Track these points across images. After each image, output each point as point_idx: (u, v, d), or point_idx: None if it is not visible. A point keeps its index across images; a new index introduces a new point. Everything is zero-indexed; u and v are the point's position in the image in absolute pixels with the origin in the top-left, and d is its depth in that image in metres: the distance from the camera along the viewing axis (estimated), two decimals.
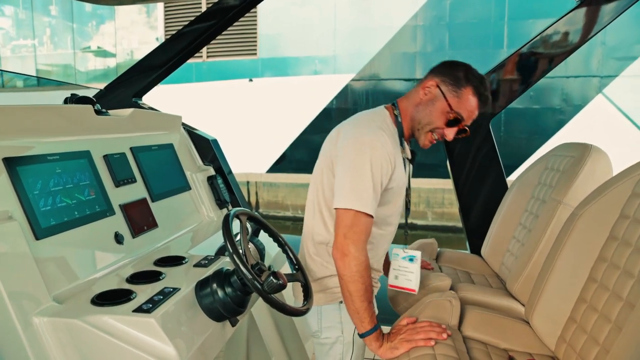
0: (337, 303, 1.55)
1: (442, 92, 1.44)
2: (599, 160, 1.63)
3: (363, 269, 1.35)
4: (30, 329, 1.15)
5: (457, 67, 1.47)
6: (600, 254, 1.26)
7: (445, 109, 1.44)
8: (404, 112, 1.52)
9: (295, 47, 9.72)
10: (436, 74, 1.48)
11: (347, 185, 1.38)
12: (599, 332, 1.15)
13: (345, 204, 1.37)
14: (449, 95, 1.43)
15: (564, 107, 8.13)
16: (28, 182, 1.33)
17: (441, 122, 1.45)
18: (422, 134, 1.49)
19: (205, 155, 2.38)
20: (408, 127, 1.52)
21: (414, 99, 1.50)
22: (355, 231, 1.35)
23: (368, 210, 1.35)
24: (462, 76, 1.44)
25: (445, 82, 1.45)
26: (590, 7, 2.09)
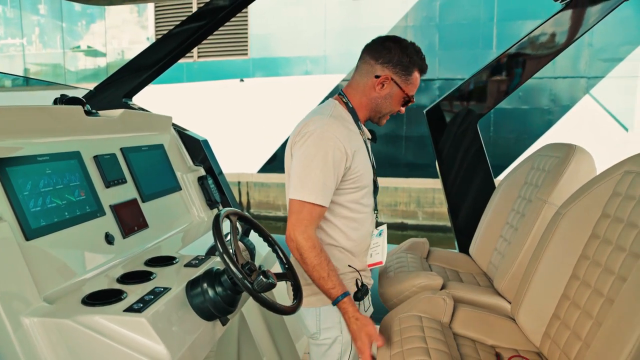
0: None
1: (398, 85, 1.55)
2: (582, 160, 1.66)
3: (307, 250, 1.43)
4: (20, 329, 1.16)
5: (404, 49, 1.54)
6: (583, 252, 1.29)
7: (401, 96, 1.57)
8: (357, 101, 1.60)
9: (286, 47, 9.73)
10: (385, 64, 1.54)
11: (295, 177, 1.47)
12: (581, 327, 1.18)
13: (292, 195, 1.47)
14: (403, 85, 1.55)
15: (552, 107, 8.23)
16: (18, 183, 1.33)
17: (398, 106, 1.60)
18: (382, 118, 1.62)
19: (196, 155, 2.39)
20: (364, 114, 1.61)
21: (367, 91, 1.58)
22: (299, 218, 1.44)
23: (312, 200, 1.42)
24: (410, 60, 1.54)
25: (398, 74, 1.54)
26: (576, 9, 2.13)
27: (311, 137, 1.45)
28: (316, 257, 1.43)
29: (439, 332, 1.41)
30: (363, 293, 1.56)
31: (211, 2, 2.34)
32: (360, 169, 1.53)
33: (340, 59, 9.36)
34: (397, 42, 1.56)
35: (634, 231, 1.11)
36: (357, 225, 1.59)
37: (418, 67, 1.55)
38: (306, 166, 1.44)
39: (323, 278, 1.44)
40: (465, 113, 2.34)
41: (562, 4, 2.15)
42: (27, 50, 12.73)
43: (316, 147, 1.44)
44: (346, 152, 1.46)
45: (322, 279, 1.44)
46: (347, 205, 1.55)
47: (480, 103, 2.34)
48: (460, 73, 8.07)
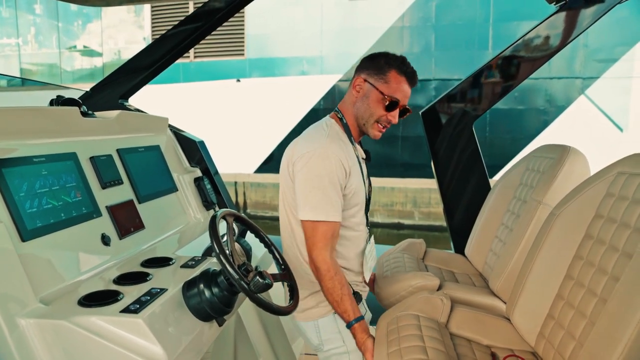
0: (332, 314, 1.59)
1: (371, 84, 1.55)
2: (576, 161, 1.67)
3: (321, 274, 1.49)
4: (16, 330, 1.16)
5: (376, 58, 1.57)
6: (577, 252, 1.30)
7: (379, 97, 1.54)
8: (347, 114, 1.62)
9: (282, 47, 9.73)
10: (360, 70, 1.59)
11: (303, 198, 1.50)
12: (575, 327, 1.19)
13: (303, 216, 1.50)
14: (378, 84, 1.54)
15: (548, 108, 8.26)
16: (14, 184, 1.33)
17: (381, 110, 1.55)
18: (369, 127, 1.58)
19: (192, 156, 2.39)
20: (354, 126, 1.61)
21: (350, 99, 1.61)
22: (314, 241, 1.49)
23: (324, 217, 1.47)
24: (382, 63, 1.55)
25: (371, 74, 1.56)
26: (570, 11, 2.14)
27: (313, 158, 1.48)
28: (329, 281, 1.48)
29: (436, 331, 1.42)
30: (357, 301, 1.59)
31: (208, 3, 2.34)
32: (354, 187, 1.56)
33: (336, 59, 9.38)
34: (381, 53, 1.59)
35: (626, 231, 1.12)
36: (350, 244, 1.63)
37: (396, 68, 1.54)
38: (313, 187, 1.47)
39: (336, 302, 1.49)
40: (461, 114, 2.35)
41: (557, 6, 2.16)
42: (22, 50, 12.68)
43: (319, 167, 1.47)
44: (345, 169, 1.50)
45: (336, 303, 1.50)
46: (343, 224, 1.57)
47: (476, 104, 2.35)
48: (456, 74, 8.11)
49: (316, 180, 1.47)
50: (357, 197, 1.58)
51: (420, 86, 8.40)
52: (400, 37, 8.87)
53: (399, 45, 8.84)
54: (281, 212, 1.66)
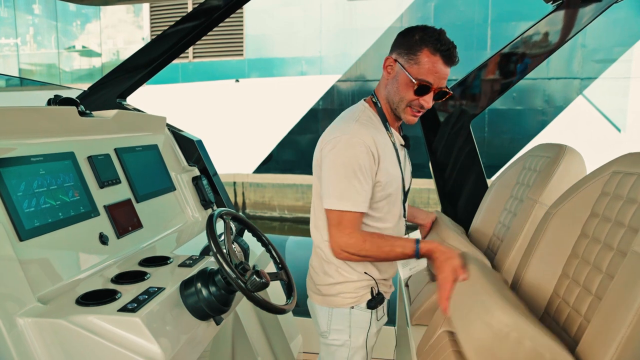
0: (348, 308, 1.57)
1: (401, 65, 1.43)
2: (572, 160, 1.68)
3: (360, 249, 1.41)
4: (14, 329, 1.16)
5: (411, 33, 1.43)
6: (573, 250, 1.31)
7: (408, 80, 1.41)
8: (381, 98, 1.53)
9: (281, 47, 9.74)
10: (393, 48, 1.48)
11: (330, 186, 1.43)
12: (572, 324, 1.19)
13: (328, 205, 1.44)
14: (407, 66, 1.42)
15: (546, 108, 8.28)
16: (11, 184, 1.33)
17: (411, 94, 1.43)
18: (401, 111, 1.48)
19: (190, 156, 2.39)
20: (388, 110, 1.52)
21: (382, 81, 1.52)
22: (340, 229, 1.42)
23: (350, 208, 1.41)
24: (416, 40, 1.41)
25: (401, 54, 1.43)
26: (567, 10, 2.15)
27: (339, 144, 1.42)
28: (371, 246, 1.41)
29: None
30: (377, 302, 1.56)
31: (206, 2, 2.34)
32: (386, 176, 1.47)
33: (335, 59, 9.39)
34: (417, 27, 1.44)
35: (621, 230, 1.13)
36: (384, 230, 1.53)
37: (429, 46, 1.38)
38: (340, 174, 1.41)
39: (393, 252, 1.42)
40: (459, 113, 2.36)
41: (554, 5, 2.17)
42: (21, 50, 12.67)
43: (346, 155, 1.41)
44: (374, 157, 1.42)
45: (393, 253, 1.42)
46: (371, 214, 1.50)
47: (473, 103, 2.36)
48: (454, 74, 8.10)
49: (342, 168, 1.40)
50: (390, 186, 1.49)
51: None
52: None
53: None
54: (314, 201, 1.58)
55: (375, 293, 1.55)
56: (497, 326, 1.05)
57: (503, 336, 1.04)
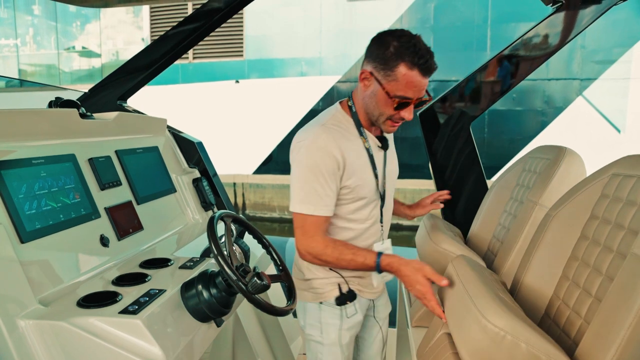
0: (318, 304, 1.59)
1: (378, 81, 1.37)
2: (572, 162, 1.68)
3: (322, 254, 1.44)
4: (16, 332, 1.16)
5: (386, 44, 1.35)
6: (573, 253, 1.31)
7: (387, 97, 1.37)
8: (357, 104, 1.49)
9: (281, 48, 9.75)
10: (367, 59, 1.40)
11: (294, 190, 1.46)
12: (571, 327, 1.20)
13: (292, 208, 1.47)
14: (384, 82, 1.36)
15: (546, 109, 8.29)
16: (13, 186, 1.33)
17: (391, 110, 1.39)
18: (381, 124, 1.45)
19: (191, 157, 2.39)
20: (364, 118, 1.49)
21: (360, 91, 1.46)
22: (304, 231, 1.45)
23: (312, 212, 1.42)
24: (391, 53, 1.33)
25: (377, 68, 1.36)
26: (567, 13, 2.16)
27: (302, 148, 1.43)
28: (333, 252, 1.43)
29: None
30: (347, 299, 1.56)
31: (207, 4, 2.35)
32: (355, 181, 1.45)
33: (335, 60, 9.40)
34: (392, 34, 1.36)
35: (620, 232, 1.13)
36: (354, 236, 1.54)
37: (406, 61, 1.31)
38: (302, 178, 1.43)
39: (354, 261, 1.43)
40: (459, 115, 2.37)
41: (553, 7, 2.18)
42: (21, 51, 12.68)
43: (307, 158, 1.41)
44: (337, 162, 1.41)
45: (354, 263, 1.44)
46: (341, 216, 1.51)
47: (473, 105, 2.36)
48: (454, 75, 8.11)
49: (304, 172, 1.41)
50: (361, 190, 1.47)
51: None
52: None
53: None
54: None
55: (346, 290, 1.55)
56: (492, 330, 1.06)
57: (499, 340, 1.05)
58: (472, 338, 1.10)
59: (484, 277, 1.30)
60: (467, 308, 1.16)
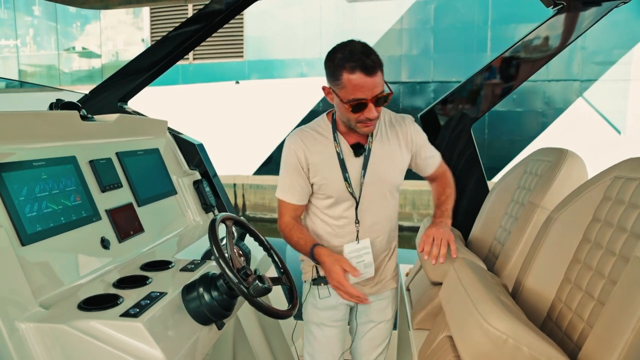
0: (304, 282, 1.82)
1: (334, 92, 1.49)
2: (574, 164, 1.68)
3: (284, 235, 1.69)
4: (16, 334, 1.16)
5: (332, 57, 1.46)
6: (575, 255, 1.30)
7: (342, 104, 1.47)
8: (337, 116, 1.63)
9: (281, 49, 9.75)
10: (326, 75, 1.52)
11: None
12: (573, 330, 1.19)
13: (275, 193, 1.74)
14: (338, 92, 1.47)
15: (546, 110, 8.29)
16: (14, 188, 1.33)
17: (352, 114, 1.48)
18: (355, 128, 1.55)
19: (191, 159, 2.39)
20: (343, 124, 1.62)
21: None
22: (279, 212, 1.72)
23: (280, 197, 1.70)
24: (335, 66, 1.44)
25: (330, 82, 1.49)
26: (568, 15, 2.15)
27: (283, 146, 1.69)
28: (290, 234, 1.66)
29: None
30: (321, 281, 1.72)
31: (208, 5, 2.35)
32: (320, 180, 1.63)
33: None
34: (338, 47, 1.48)
35: (623, 235, 1.13)
36: (331, 231, 1.70)
37: (345, 68, 1.40)
38: (280, 170, 1.69)
39: (298, 244, 1.65)
40: (459, 117, 2.36)
41: (554, 9, 2.18)
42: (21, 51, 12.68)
43: (283, 155, 1.68)
44: (299, 160, 1.63)
45: (298, 245, 1.65)
46: (320, 209, 1.70)
47: (474, 107, 2.36)
48: (455, 76, 8.13)
49: (281, 166, 1.68)
50: (327, 189, 1.64)
51: (419, 89, 8.43)
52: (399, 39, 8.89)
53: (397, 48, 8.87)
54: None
55: (323, 275, 1.67)
56: (494, 333, 1.05)
57: (501, 343, 1.04)
58: (473, 341, 1.10)
59: (485, 280, 1.30)
60: (469, 311, 1.16)
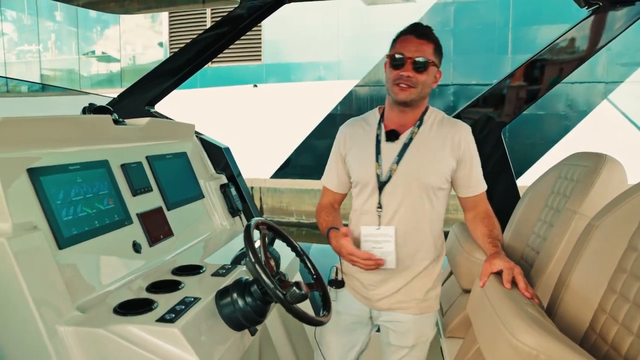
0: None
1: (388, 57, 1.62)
2: (613, 170, 1.63)
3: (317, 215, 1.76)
4: (55, 337, 1.17)
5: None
6: (619, 264, 1.26)
7: (386, 62, 1.61)
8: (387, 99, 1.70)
9: (299, 53, 9.77)
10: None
11: None
12: (621, 342, 1.15)
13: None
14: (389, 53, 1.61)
15: (569, 113, 8.14)
16: (51, 192, 1.34)
17: (391, 71, 1.58)
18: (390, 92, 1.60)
19: (218, 163, 2.39)
20: (388, 103, 1.66)
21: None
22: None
23: (321, 181, 1.79)
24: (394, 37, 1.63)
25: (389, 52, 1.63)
26: (603, 15, 2.10)
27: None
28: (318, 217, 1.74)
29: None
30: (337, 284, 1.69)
31: (233, 11, 2.35)
32: (353, 162, 1.66)
33: (353, 64, 9.37)
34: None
35: None
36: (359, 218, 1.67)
37: (401, 33, 1.61)
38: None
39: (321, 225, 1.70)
40: (490, 121, 2.32)
41: (589, 10, 2.12)
42: (43, 56, 12.93)
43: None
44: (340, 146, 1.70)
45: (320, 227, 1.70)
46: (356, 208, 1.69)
47: (504, 111, 2.32)
48: (474, 79, 8.04)
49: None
50: (355, 174, 1.66)
51: (439, 91, 8.35)
52: None
53: None
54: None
55: (340, 279, 1.69)
56: (523, 350, 1.01)
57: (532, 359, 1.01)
58: (504, 358, 1.06)
59: (512, 294, 1.26)
60: (496, 326, 1.12)
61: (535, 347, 1.00)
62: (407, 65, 1.54)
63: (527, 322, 1.05)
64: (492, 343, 1.13)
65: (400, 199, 1.60)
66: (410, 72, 1.54)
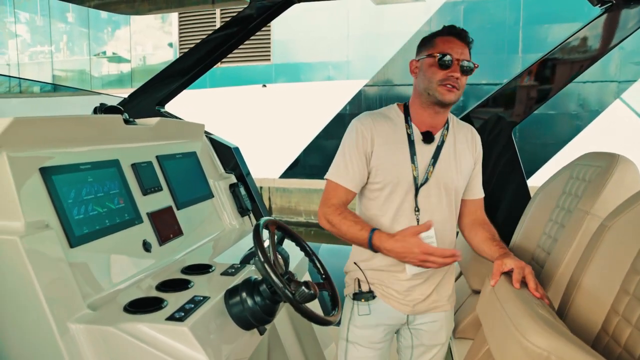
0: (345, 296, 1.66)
1: (422, 58, 1.56)
2: (627, 170, 1.61)
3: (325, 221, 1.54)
4: (67, 335, 1.18)
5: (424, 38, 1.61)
6: (633, 266, 1.24)
7: (430, 61, 1.53)
8: (412, 98, 1.63)
9: (308, 52, 9.77)
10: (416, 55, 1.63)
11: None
12: (635, 344, 1.14)
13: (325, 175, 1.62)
14: (427, 53, 1.55)
15: (581, 112, 8.04)
16: (63, 191, 1.35)
17: (437, 71, 1.52)
18: (435, 92, 1.53)
19: (227, 163, 2.40)
20: (419, 103, 1.59)
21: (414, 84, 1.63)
22: (325, 194, 1.58)
23: (330, 177, 1.57)
24: (429, 38, 1.58)
25: (421, 52, 1.59)
26: (617, 13, 2.07)
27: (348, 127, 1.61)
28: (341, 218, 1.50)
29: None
30: (362, 296, 1.57)
31: (242, 12, 2.36)
32: (384, 162, 1.54)
33: (363, 64, 9.35)
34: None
35: None
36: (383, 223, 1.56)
37: (441, 34, 1.55)
38: (338, 152, 1.59)
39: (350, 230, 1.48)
40: (500, 121, 2.30)
41: (602, 8, 2.10)
42: (55, 57, 13.07)
43: (347, 135, 1.59)
44: (365, 140, 1.54)
45: (351, 232, 1.49)
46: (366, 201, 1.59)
47: (514, 111, 2.30)
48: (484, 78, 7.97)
49: (340, 146, 1.59)
50: (386, 174, 1.54)
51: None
52: None
53: None
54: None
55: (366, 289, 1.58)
56: (534, 351, 1.00)
57: None
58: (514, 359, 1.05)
59: (523, 294, 1.25)
60: (506, 327, 1.11)
61: (546, 349, 0.99)
62: (454, 67, 1.52)
63: (538, 323, 1.04)
64: (502, 344, 1.13)
65: (435, 201, 1.59)
66: (458, 73, 1.52)
